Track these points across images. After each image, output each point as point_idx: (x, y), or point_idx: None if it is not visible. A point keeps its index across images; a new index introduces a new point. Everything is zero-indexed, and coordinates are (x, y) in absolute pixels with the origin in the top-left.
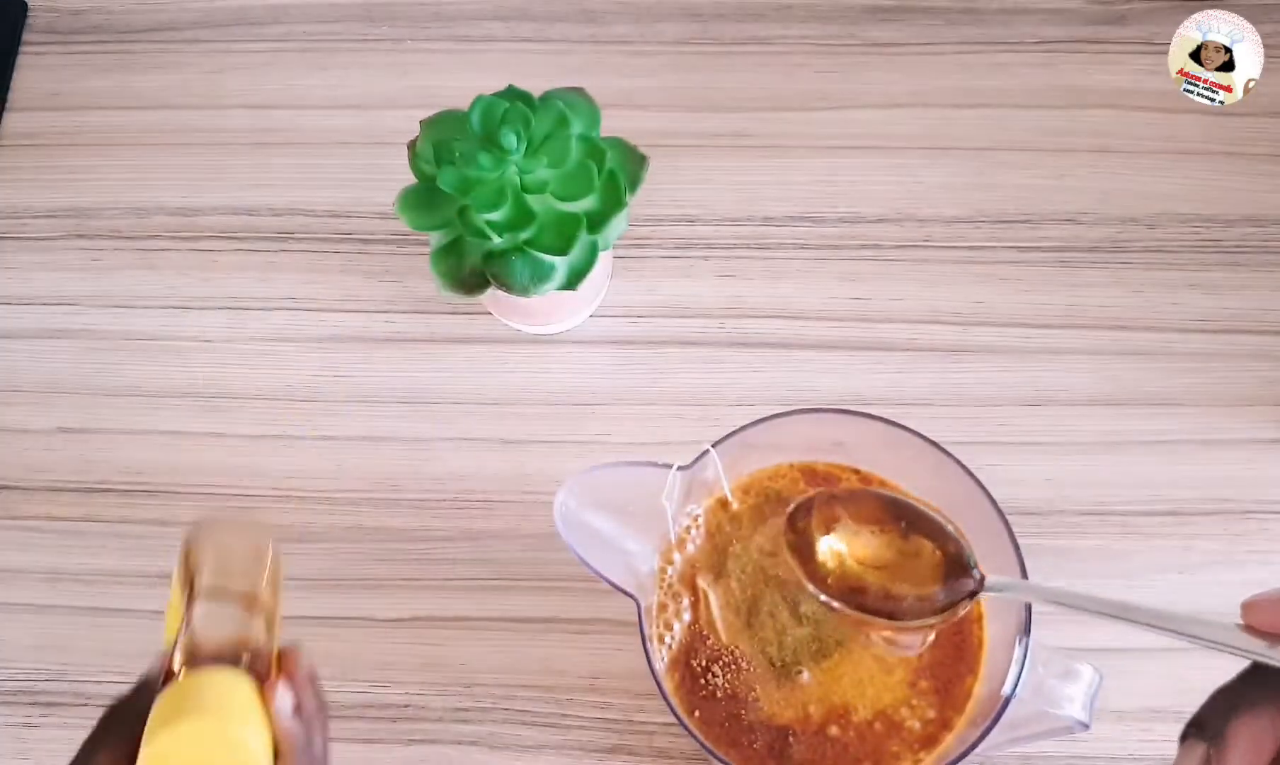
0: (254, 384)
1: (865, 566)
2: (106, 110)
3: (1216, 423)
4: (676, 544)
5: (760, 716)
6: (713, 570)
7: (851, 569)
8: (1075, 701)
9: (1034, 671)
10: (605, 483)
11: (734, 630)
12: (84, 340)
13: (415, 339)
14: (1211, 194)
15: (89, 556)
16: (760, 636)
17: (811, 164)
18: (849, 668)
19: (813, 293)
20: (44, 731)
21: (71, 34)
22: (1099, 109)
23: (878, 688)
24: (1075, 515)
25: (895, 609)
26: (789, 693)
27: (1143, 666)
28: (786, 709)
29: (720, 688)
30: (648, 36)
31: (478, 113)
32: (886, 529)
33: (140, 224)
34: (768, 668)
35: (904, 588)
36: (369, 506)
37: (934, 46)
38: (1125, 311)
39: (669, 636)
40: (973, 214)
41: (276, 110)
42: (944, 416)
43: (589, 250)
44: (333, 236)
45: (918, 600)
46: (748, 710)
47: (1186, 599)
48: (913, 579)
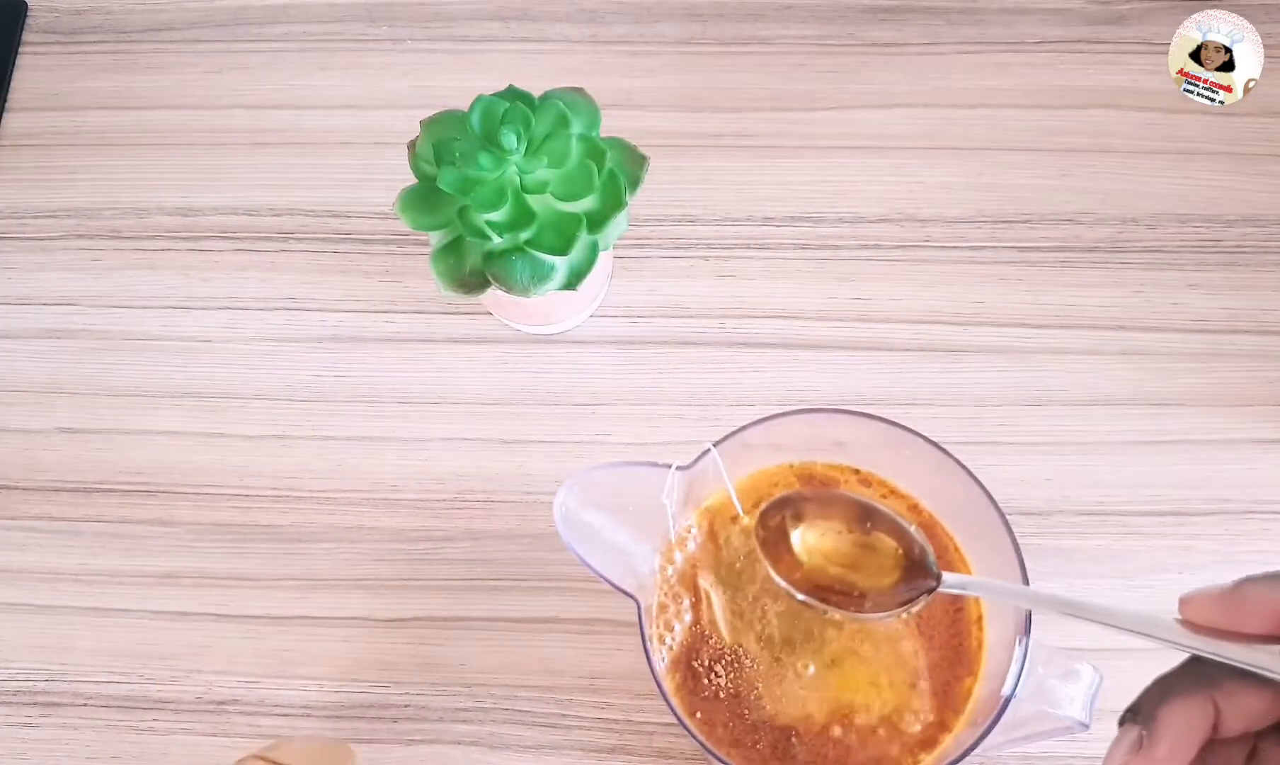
0: (254, 384)
1: (832, 562)
2: (106, 110)
3: (1216, 423)
4: (677, 543)
5: (763, 716)
6: (714, 569)
7: (819, 564)
8: (1075, 702)
9: (1034, 672)
10: (605, 483)
11: (736, 630)
12: (83, 340)
13: (415, 339)
14: (1211, 194)
15: (89, 556)
16: (763, 635)
17: (812, 164)
18: (853, 666)
19: (813, 293)
20: (43, 732)
21: (71, 34)
22: (1099, 109)
23: (879, 688)
24: (1075, 515)
25: (859, 603)
26: (792, 692)
27: (1142, 666)
28: (790, 708)
29: (723, 688)
30: (648, 36)
31: (478, 113)
32: (853, 528)
33: (140, 224)
34: (771, 666)
35: (867, 583)
36: (369, 506)
37: (934, 47)
38: (1125, 311)
39: (669, 637)
40: (973, 214)
41: (276, 110)
42: (944, 416)
43: (589, 250)
44: (333, 236)
45: (879, 595)
46: (750, 710)
47: None
48: (876, 574)
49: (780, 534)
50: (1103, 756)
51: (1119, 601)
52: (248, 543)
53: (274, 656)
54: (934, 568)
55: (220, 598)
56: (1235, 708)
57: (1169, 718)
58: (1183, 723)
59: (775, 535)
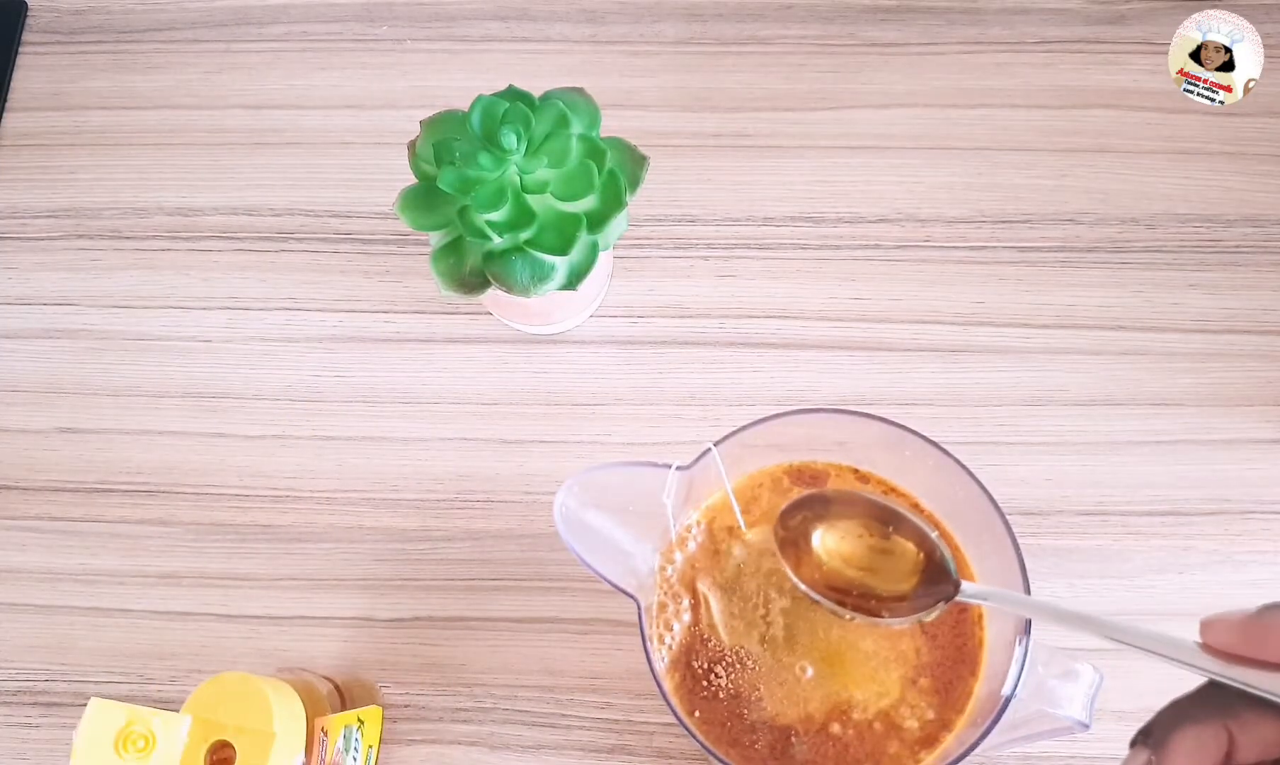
0: (254, 384)
1: (851, 565)
2: (106, 110)
3: (1216, 423)
4: (677, 543)
5: (763, 716)
6: (714, 569)
7: (838, 567)
8: (1075, 701)
9: (1034, 671)
10: (605, 483)
11: (736, 631)
12: (84, 340)
13: (415, 339)
14: (1211, 194)
15: (89, 556)
16: (764, 635)
17: (812, 164)
18: (853, 665)
19: (813, 293)
20: (43, 732)
21: (72, 34)
22: (1099, 109)
23: (880, 687)
24: (1075, 515)
25: (877, 606)
26: (792, 691)
27: (1143, 667)
28: (790, 708)
29: (723, 688)
30: (648, 36)
31: (478, 113)
32: (873, 530)
33: (140, 224)
34: (772, 667)
35: (886, 587)
36: (369, 506)
37: (934, 46)
38: (1125, 311)
39: (669, 637)
40: (973, 214)
41: (276, 110)
42: (944, 416)
43: (589, 250)
44: (333, 236)
45: (898, 600)
46: (750, 710)
47: (1186, 599)
48: (895, 579)
49: (800, 534)
50: (1103, 757)
51: (1144, 622)
52: (248, 543)
53: (274, 656)
54: (954, 574)
55: (220, 598)
56: (1251, 737)
57: (1181, 744)
58: (1195, 749)
59: (795, 535)
